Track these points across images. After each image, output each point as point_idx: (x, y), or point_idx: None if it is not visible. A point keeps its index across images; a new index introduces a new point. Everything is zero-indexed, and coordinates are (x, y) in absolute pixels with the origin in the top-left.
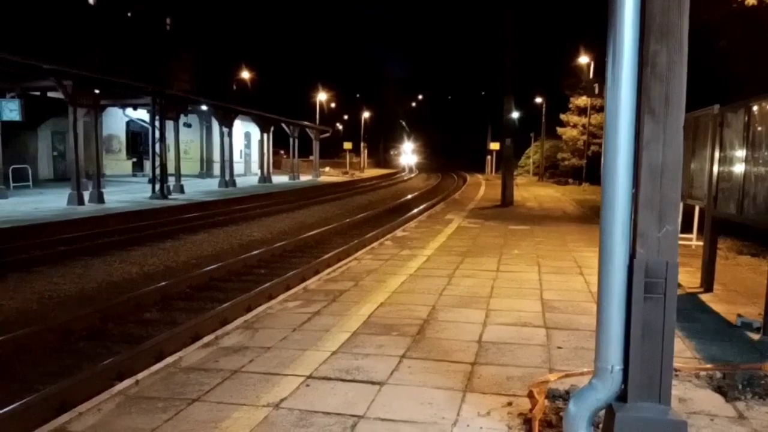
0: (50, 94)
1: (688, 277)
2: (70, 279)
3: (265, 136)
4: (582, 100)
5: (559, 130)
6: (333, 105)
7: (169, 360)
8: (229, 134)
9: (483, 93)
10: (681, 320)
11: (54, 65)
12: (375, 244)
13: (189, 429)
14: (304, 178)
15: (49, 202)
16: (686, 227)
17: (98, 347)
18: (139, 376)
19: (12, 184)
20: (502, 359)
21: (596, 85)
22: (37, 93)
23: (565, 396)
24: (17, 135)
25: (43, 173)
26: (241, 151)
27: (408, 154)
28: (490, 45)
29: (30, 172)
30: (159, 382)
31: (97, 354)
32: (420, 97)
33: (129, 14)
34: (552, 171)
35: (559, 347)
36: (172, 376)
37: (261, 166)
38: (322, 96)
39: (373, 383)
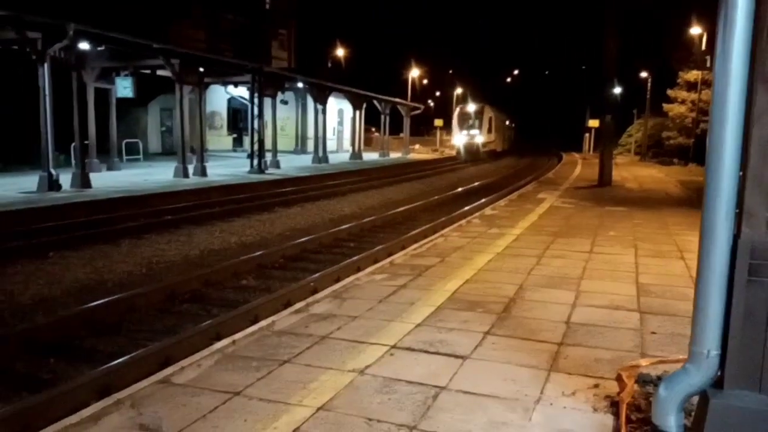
0: (159, 72)
1: None
2: (175, 246)
3: (357, 113)
4: (692, 75)
5: (666, 106)
6: (425, 81)
7: (263, 323)
8: (323, 111)
9: (583, 67)
10: None
11: (162, 44)
12: (462, 222)
13: (279, 387)
14: (394, 155)
15: (158, 175)
16: None
17: (199, 309)
18: (236, 336)
19: (125, 157)
20: (591, 341)
21: (708, 58)
22: (148, 71)
23: (657, 381)
24: (130, 111)
25: (152, 147)
26: (334, 128)
27: (487, 132)
28: (593, 19)
29: (140, 146)
30: (253, 343)
31: (198, 315)
32: (516, 72)
33: None
34: (655, 150)
35: (653, 332)
36: (266, 338)
37: (352, 143)
38: (414, 72)
39: (456, 357)
